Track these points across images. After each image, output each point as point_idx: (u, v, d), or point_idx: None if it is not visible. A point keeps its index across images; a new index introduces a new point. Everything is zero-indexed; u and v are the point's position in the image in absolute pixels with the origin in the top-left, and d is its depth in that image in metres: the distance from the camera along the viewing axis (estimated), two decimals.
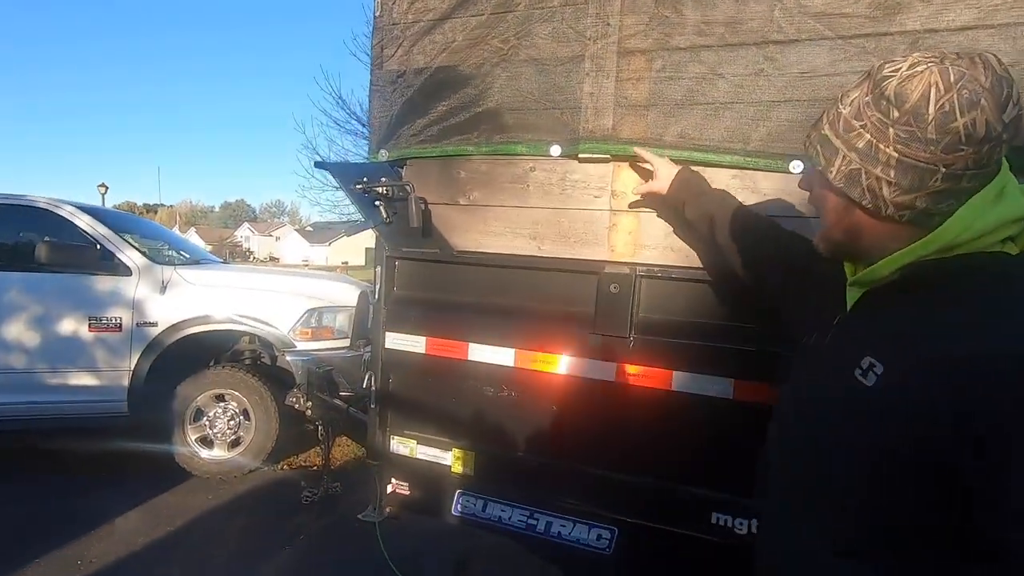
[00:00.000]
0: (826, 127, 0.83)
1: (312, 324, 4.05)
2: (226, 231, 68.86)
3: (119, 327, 3.83)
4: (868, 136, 0.77)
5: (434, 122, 1.84)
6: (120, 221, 4.55)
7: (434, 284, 1.92)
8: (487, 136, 1.78)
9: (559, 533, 1.78)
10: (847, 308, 0.88)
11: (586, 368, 1.70)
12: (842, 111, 0.81)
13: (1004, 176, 0.76)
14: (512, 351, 1.78)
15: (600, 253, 1.68)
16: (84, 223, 4.02)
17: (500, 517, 1.87)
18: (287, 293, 4.20)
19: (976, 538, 0.70)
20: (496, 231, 1.80)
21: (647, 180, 1.56)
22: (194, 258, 4.93)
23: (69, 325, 3.78)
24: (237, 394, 4.02)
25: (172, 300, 3.93)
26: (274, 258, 52.75)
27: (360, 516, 2.13)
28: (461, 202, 1.84)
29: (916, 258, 0.77)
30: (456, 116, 1.81)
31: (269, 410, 3.99)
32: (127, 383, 3.83)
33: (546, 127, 1.71)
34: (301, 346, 3.97)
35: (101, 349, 3.81)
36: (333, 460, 4.05)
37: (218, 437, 4.01)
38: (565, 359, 1.72)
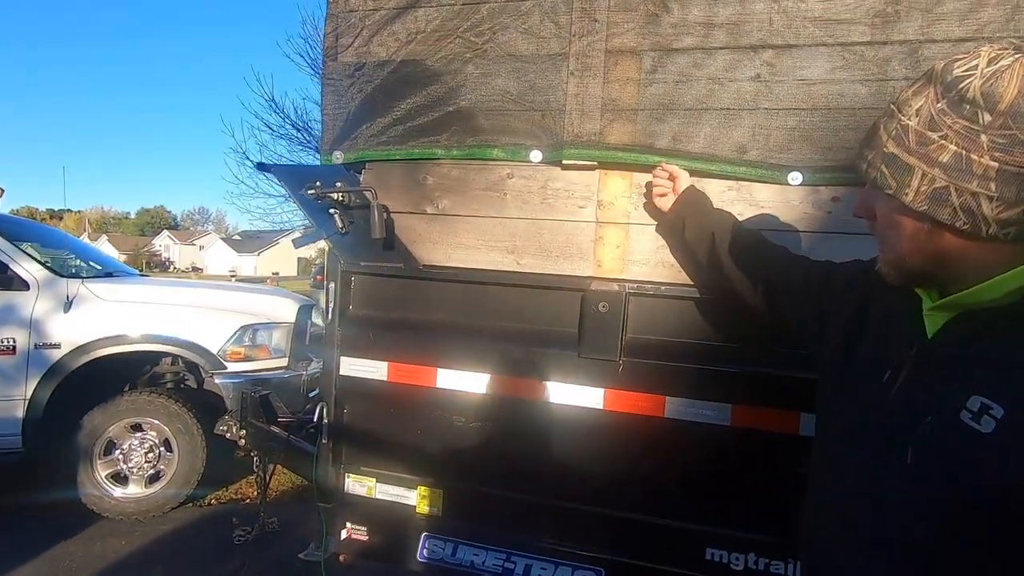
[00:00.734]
0: (890, 144, 0.72)
1: (246, 343, 3.69)
2: (143, 239, 64.32)
3: (12, 350, 3.32)
4: (954, 147, 0.66)
5: (398, 121, 1.65)
6: (16, 228, 4.00)
7: (397, 303, 1.71)
8: (459, 139, 1.60)
9: None
10: (927, 336, 0.76)
11: (570, 395, 1.54)
12: (908, 123, 0.70)
13: None
14: (487, 377, 1.60)
15: (585, 269, 1.54)
16: None
17: (472, 561, 1.68)
18: (216, 309, 3.81)
19: None
20: (469, 243, 1.63)
21: (650, 194, 1.44)
22: (106, 270, 4.41)
23: None
24: (157, 422, 3.59)
25: (79, 318, 3.46)
26: (197, 268, 49.48)
27: (302, 556, 1.88)
28: (429, 211, 1.65)
29: None
30: (423, 116, 1.63)
31: (194, 439, 3.59)
32: (21, 414, 3.33)
33: (525, 130, 1.55)
34: (233, 367, 3.60)
35: None
36: (268, 492, 3.69)
37: (134, 472, 3.56)
38: (546, 385, 1.57)
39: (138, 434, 3.58)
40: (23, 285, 3.43)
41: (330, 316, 1.74)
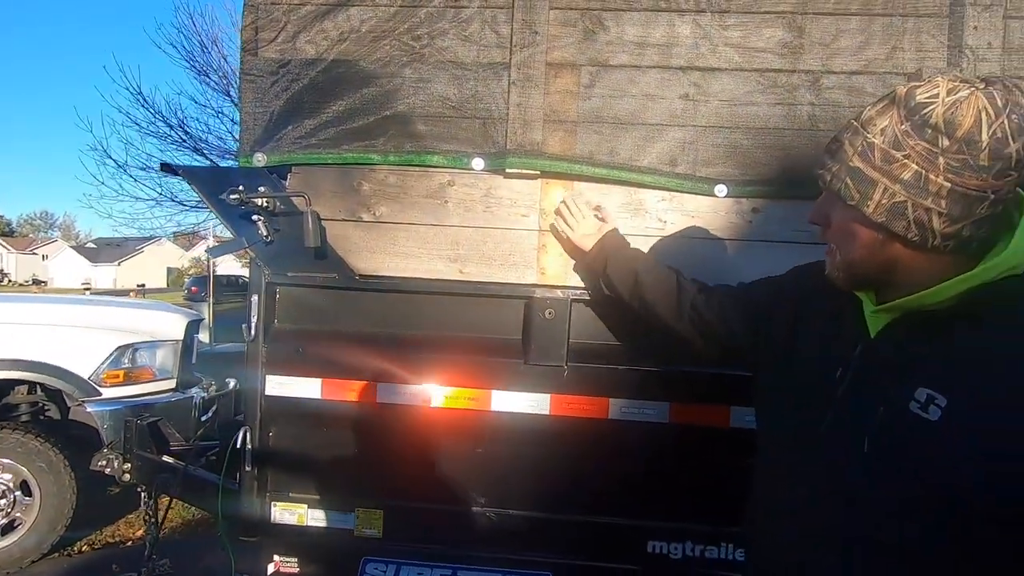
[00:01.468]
0: (856, 159, 0.77)
1: (124, 364, 3.27)
2: None
3: None
4: (915, 166, 0.72)
5: (328, 124, 1.56)
6: None
7: (331, 315, 1.62)
8: (396, 144, 1.55)
9: None
10: (870, 335, 0.84)
11: (516, 402, 1.55)
12: (874, 140, 0.75)
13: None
14: (430, 389, 1.56)
15: (529, 276, 1.55)
16: None
17: None
18: (87, 327, 3.33)
19: None
20: (408, 252, 1.58)
21: (566, 230, 1.45)
22: None
23: None
24: (10, 462, 3.07)
25: None
26: (40, 281, 42.73)
27: None
28: (365, 218, 1.58)
29: (980, 283, 0.74)
30: (357, 119, 1.56)
31: (61, 478, 3.11)
32: None
33: (466, 138, 1.54)
34: (109, 393, 3.17)
35: None
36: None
37: None
38: (492, 394, 1.56)
39: None
40: None
41: (252, 332, 1.60)
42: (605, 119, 1.51)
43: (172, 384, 3.45)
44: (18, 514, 3.08)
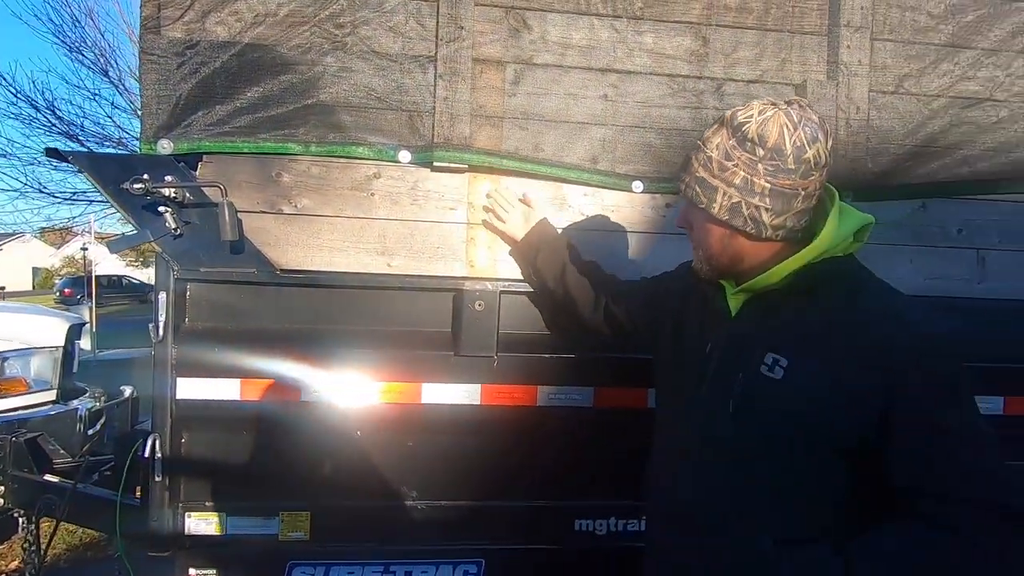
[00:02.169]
0: (700, 170, 0.94)
1: None
2: None
3: None
4: (742, 173, 0.90)
5: (243, 111, 1.49)
6: None
7: (249, 312, 1.54)
8: (318, 134, 1.51)
9: None
10: (732, 316, 1.01)
11: (447, 394, 1.56)
12: (711, 154, 0.93)
13: (836, 198, 0.96)
14: (358, 384, 1.54)
15: (458, 269, 1.57)
16: None
17: None
18: None
19: (898, 496, 0.86)
20: (333, 245, 1.54)
21: (496, 222, 1.53)
22: None
23: None
24: None
25: None
26: None
27: None
28: (285, 210, 1.52)
29: (804, 264, 0.92)
30: (275, 107, 1.49)
31: None
32: None
33: (392, 130, 1.53)
34: None
35: None
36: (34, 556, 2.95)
37: None
38: (422, 387, 1.56)
39: None
40: None
41: (161, 332, 1.49)
42: (530, 116, 1.56)
43: (52, 396, 3.10)
44: None
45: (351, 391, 1.53)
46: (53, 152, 1.56)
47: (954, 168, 1.67)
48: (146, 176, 1.39)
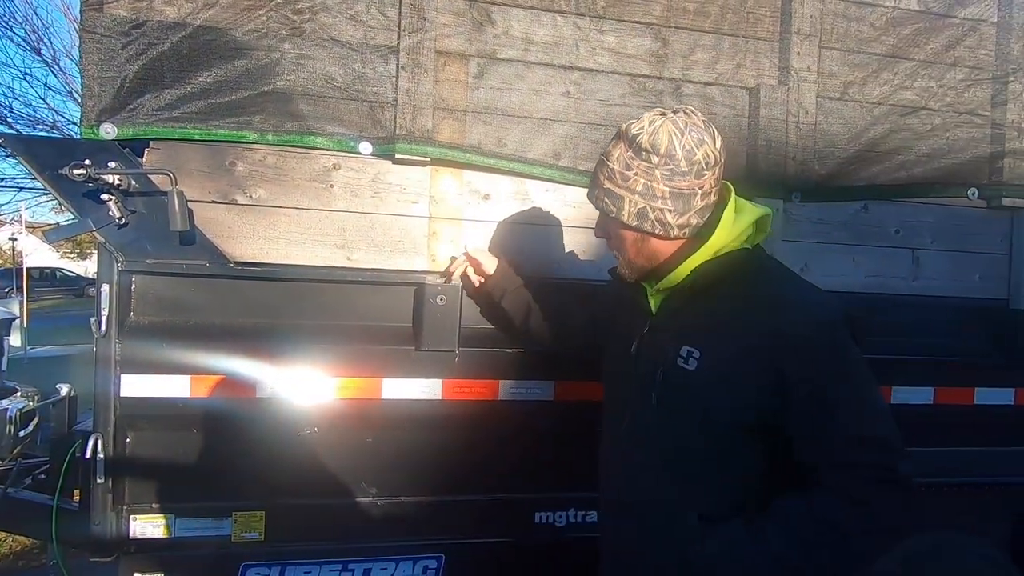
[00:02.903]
0: (607, 182, 1.00)
1: None
2: None
3: None
4: (643, 180, 0.96)
5: (194, 96, 1.42)
6: None
7: (200, 306, 1.48)
8: (275, 123, 1.46)
9: None
10: (652, 314, 1.07)
11: (408, 389, 1.55)
12: (613, 167, 0.99)
13: (732, 194, 1.03)
14: (316, 380, 1.50)
15: (420, 263, 1.55)
16: None
17: None
18: None
19: (803, 469, 0.94)
20: (291, 238, 1.50)
21: (471, 267, 1.51)
22: None
23: None
24: None
25: None
26: None
27: None
28: (240, 201, 1.47)
29: (702, 261, 0.99)
30: (229, 93, 1.44)
31: None
32: None
33: (352, 121, 1.50)
34: None
35: None
36: None
37: None
38: (383, 383, 1.54)
39: None
40: None
41: (103, 327, 1.41)
42: (494, 111, 1.55)
43: None
44: None
45: (309, 387, 1.50)
46: None
47: (893, 172, 1.77)
48: (88, 162, 1.31)
